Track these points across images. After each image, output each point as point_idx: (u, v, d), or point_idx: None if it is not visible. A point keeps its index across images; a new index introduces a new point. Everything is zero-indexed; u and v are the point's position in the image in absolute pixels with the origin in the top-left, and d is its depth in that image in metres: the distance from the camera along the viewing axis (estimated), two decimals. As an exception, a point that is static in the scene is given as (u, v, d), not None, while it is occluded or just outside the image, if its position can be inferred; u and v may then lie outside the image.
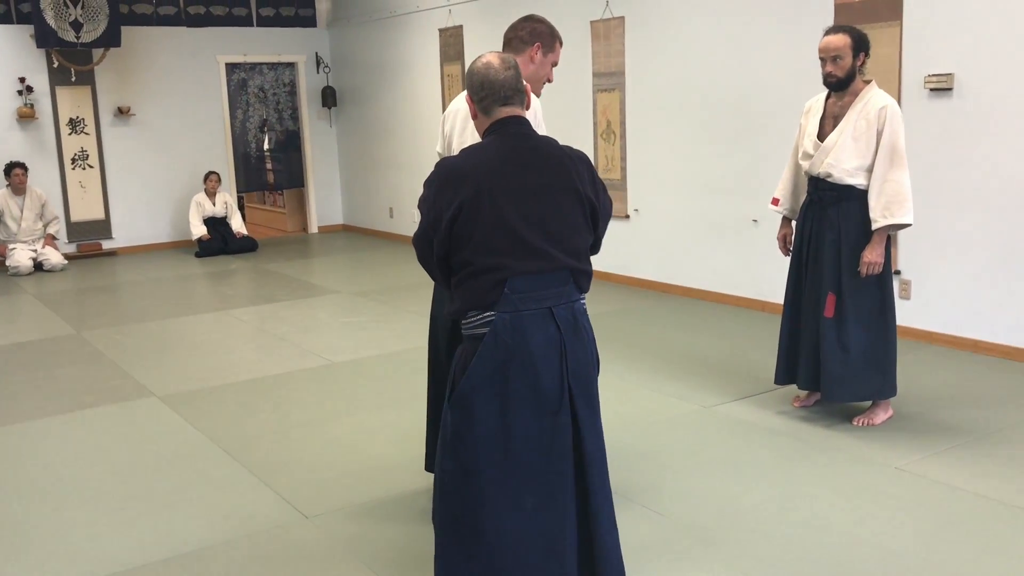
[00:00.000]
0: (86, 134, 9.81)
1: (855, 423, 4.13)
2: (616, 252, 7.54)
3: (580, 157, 2.45)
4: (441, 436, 2.37)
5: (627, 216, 7.36)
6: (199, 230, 9.78)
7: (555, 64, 3.22)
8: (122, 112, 9.90)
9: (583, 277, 2.40)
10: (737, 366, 5.06)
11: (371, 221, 10.95)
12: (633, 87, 7.14)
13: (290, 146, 11.23)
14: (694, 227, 6.84)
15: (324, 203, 11.43)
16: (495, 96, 2.40)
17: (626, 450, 3.95)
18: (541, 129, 3.12)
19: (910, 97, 5.31)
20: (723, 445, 3.98)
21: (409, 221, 10.23)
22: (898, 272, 5.47)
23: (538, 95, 3.25)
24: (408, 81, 9.86)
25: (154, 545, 3.22)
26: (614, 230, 7.40)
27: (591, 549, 2.39)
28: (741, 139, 6.37)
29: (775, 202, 4.39)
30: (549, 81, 3.24)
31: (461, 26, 8.87)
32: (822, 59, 3.98)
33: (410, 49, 9.73)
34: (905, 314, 5.46)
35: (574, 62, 7.61)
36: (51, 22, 9.01)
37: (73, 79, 9.59)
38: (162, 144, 10.22)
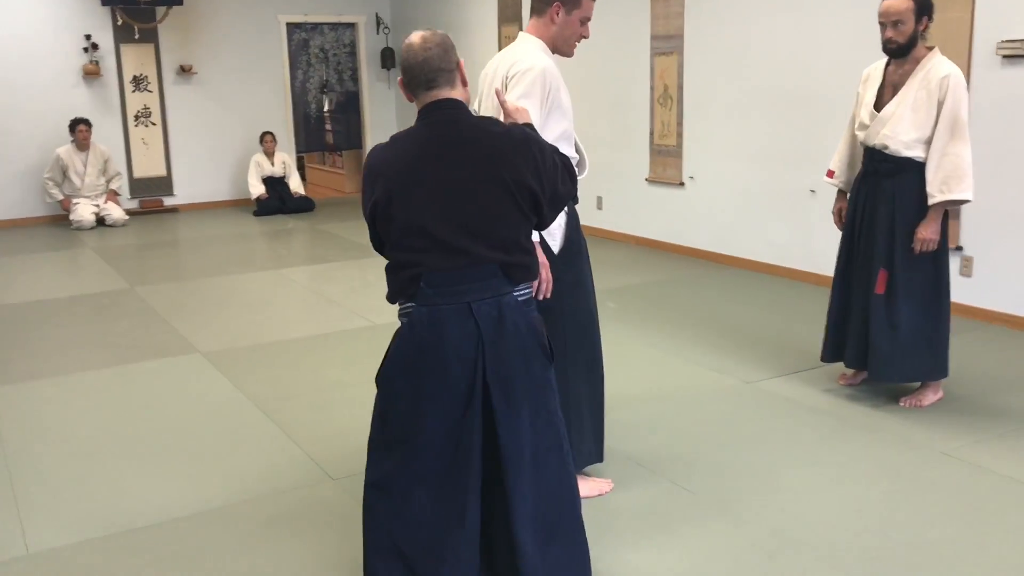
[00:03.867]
0: (149, 91, 9.94)
1: (902, 404, 3.98)
2: (669, 220, 7.40)
3: (519, 142, 2.27)
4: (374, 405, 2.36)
5: (682, 183, 7.20)
6: (257, 189, 9.88)
7: (586, 19, 3.05)
8: (184, 70, 10.00)
9: (516, 269, 2.28)
10: (785, 341, 4.92)
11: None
12: (692, 51, 6.95)
13: (349, 107, 11.24)
14: (750, 196, 6.65)
15: (381, 165, 11.44)
16: (417, 80, 2.27)
17: (659, 423, 3.87)
18: (562, 95, 2.97)
19: (981, 65, 5.05)
20: (761, 422, 3.87)
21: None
22: (960, 248, 5.24)
23: (568, 55, 3.12)
24: (466, 43, 9.75)
25: (179, 501, 3.26)
26: (668, 197, 7.27)
27: (511, 551, 2.28)
28: (800, 107, 6.15)
29: (830, 174, 4.22)
30: (584, 37, 3.10)
31: (520, -13, 8.73)
32: (882, 24, 3.79)
33: (468, 9, 9.62)
34: (966, 292, 5.24)
35: (632, 24, 7.43)
36: (116, -21, 9.12)
37: (136, 36, 9.71)
38: (223, 103, 10.30)
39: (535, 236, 2.81)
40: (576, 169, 3.11)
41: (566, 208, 3.05)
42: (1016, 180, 4.96)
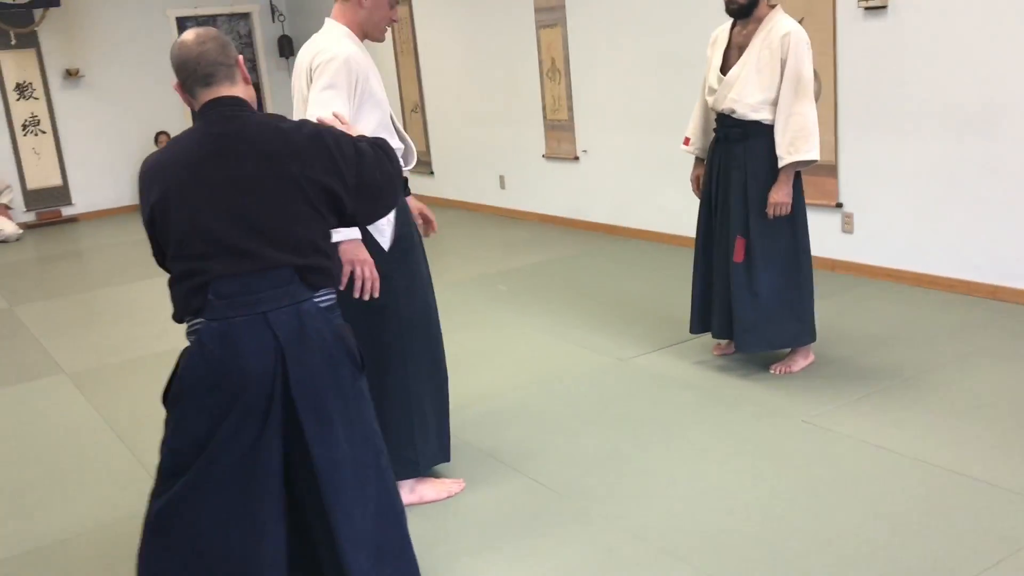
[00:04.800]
0: (35, 98, 9.58)
1: (773, 371, 3.92)
2: (567, 195, 7.29)
3: (309, 136, 2.10)
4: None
5: (576, 158, 7.08)
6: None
7: (395, 2, 2.90)
8: (71, 74, 9.65)
9: (313, 273, 2.10)
10: (668, 312, 4.84)
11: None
12: (574, 22, 6.81)
13: (251, 99, 10.96)
14: (644, 166, 6.56)
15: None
16: (193, 76, 2.09)
17: (523, 412, 3.77)
18: (372, 83, 2.83)
19: (846, 19, 4.98)
20: (628, 401, 3.79)
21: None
22: (840, 205, 5.20)
23: (379, 40, 2.98)
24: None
25: (14, 537, 3.09)
26: (565, 172, 7.16)
27: (337, 571, 2.13)
28: (684, 70, 6.04)
29: (686, 142, 4.12)
30: (394, 21, 2.95)
31: (406, -35, 8.52)
32: (727, -18, 3.69)
33: (360, -8, 9.38)
34: (848, 248, 5.21)
35: (514, -2, 7.28)
36: (-16, -16, 8.74)
37: (14, 42, 9.32)
38: (116, 105, 9.97)
39: (354, 233, 2.68)
40: (401, 160, 2.98)
41: None
42: (888, 133, 4.92)
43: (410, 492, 3.06)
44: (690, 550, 2.66)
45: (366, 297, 2.72)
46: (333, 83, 2.74)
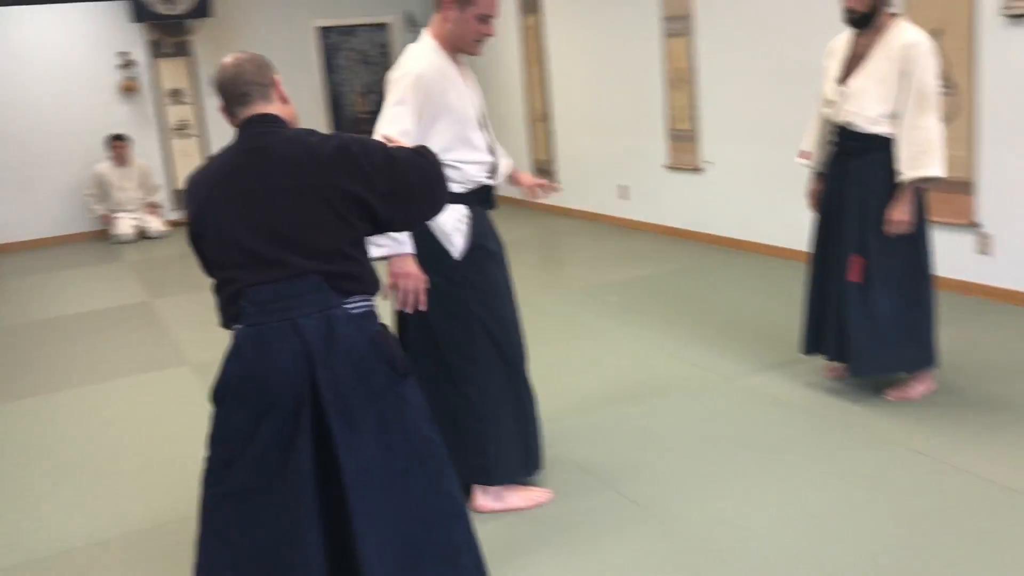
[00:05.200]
0: (186, 104, 10.13)
1: (888, 397, 3.73)
2: (688, 207, 7.16)
3: (336, 147, 2.15)
4: None
5: (698, 169, 6.94)
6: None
7: (485, 17, 2.88)
8: (218, 81, 10.14)
9: (343, 280, 2.14)
10: (783, 331, 4.66)
11: (463, 180, 10.88)
12: (703, 32, 6.69)
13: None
14: (768, 179, 6.36)
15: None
16: (231, 95, 2.20)
17: (622, 426, 3.71)
18: (450, 98, 2.87)
19: (985, 28, 4.69)
20: (729, 421, 3.67)
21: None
22: (977, 225, 4.89)
23: (473, 53, 2.98)
24: (492, 39, 9.64)
25: (108, 523, 3.27)
26: (687, 183, 7.04)
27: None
28: (815, 83, 5.83)
29: (804, 155, 3.98)
30: (486, 36, 2.94)
31: (537, -24, 8.57)
32: (844, -9, 3.54)
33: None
34: (984, 270, 4.91)
35: (640, 6, 7.20)
36: (143, -3, 9.31)
37: (170, 51, 9.90)
38: (258, 111, 10.42)
39: (403, 247, 2.72)
40: (487, 173, 2.98)
41: (468, 212, 2.93)
42: (1031, 149, 4.61)
43: (495, 499, 3.06)
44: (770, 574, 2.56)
45: (409, 310, 2.77)
46: (402, 99, 2.81)
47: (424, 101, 2.79)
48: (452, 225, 2.90)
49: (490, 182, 3.03)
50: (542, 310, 5.55)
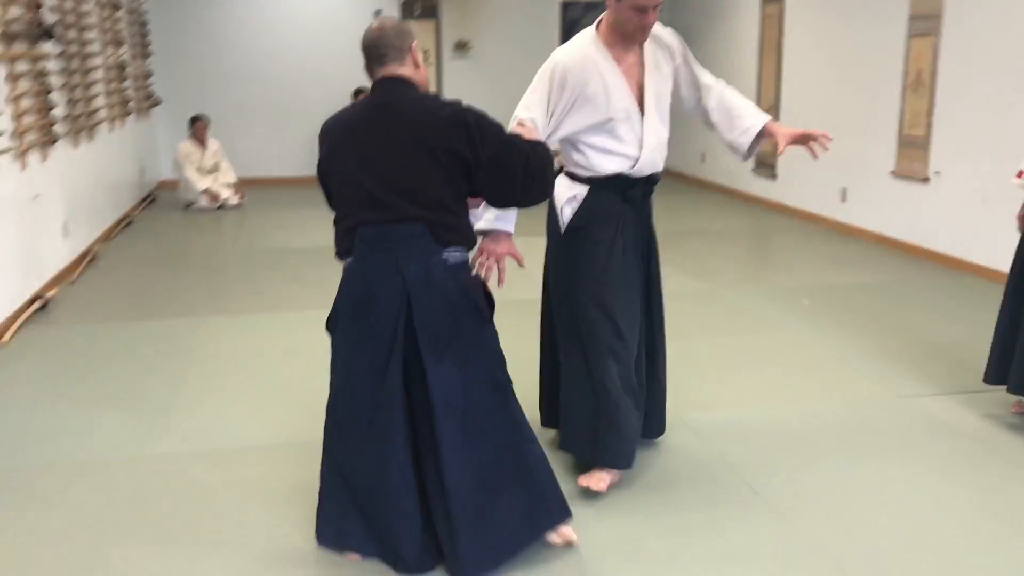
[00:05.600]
0: (429, 64, 10.69)
1: (1073, 443, 3.45)
2: (908, 218, 6.78)
3: (452, 113, 2.39)
4: None
5: (926, 179, 6.55)
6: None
7: (640, 7, 2.82)
8: (461, 46, 10.63)
9: (442, 229, 2.40)
10: (976, 358, 4.36)
11: (684, 166, 10.79)
12: (951, 33, 6.27)
13: (618, 85, 11.34)
14: (1000, 196, 5.91)
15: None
16: (371, 56, 2.47)
17: (771, 425, 3.66)
18: (589, 88, 2.89)
19: None
20: (889, 440, 3.53)
21: (719, 168, 9.94)
22: None
23: (635, 41, 2.95)
24: (731, 22, 9.48)
25: (276, 431, 3.64)
26: (912, 193, 6.68)
27: (442, 497, 2.39)
28: (1062, 97, 5.37)
29: (1020, 175, 3.71)
30: (643, 27, 2.89)
31: (784, -37, 8.33)
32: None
33: (736, -12, 9.33)
34: None
35: (889, 3, 6.84)
36: (403, -39, 9.90)
37: (418, 13, 10.47)
38: (494, 79, 10.80)
39: (504, 224, 2.79)
40: (625, 166, 3.00)
41: (585, 194, 3.01)
42: None
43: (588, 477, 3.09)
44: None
45: (489, 283, 2.79)
46: (537, 87, 2.95)
47: (558, 91, 2.89)
48: (564, 199, 3.04)
49: (626, 172, 3.01)
50: (726, 301, 5.50)
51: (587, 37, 3.00)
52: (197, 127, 9.21)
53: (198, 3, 10.15)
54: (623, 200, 3.04)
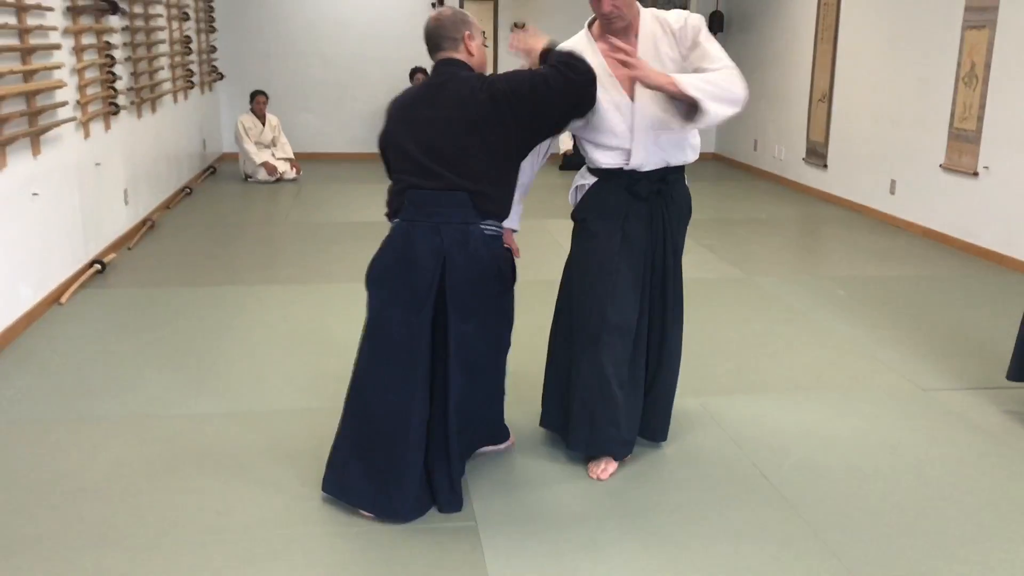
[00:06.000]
0: (485, 46, 10.73)
1: (1091, 442, 3.45)
2: (957, 212, 6.71)
3: (491, 87, 2.64)
4: None
5: (975, 173, 6.47)
6: (566, 144, 10.37)
7: None
8: (517, 27, 10.69)
9: (483, 199, 2.68)
10: (1004, 352, 4.36)
11: (737, 152, 10.74)
12: (1007, 23, 6.18)
13: (674, 70, 11.31)
14: (1048, 194, 5.84)
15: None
16: (430, 43, 2.83)
17: (785, 411, 3.72)
18: (604, 84, 2.87)
19: None
20: (906, 433, 3.56)
21: (770, 156, 9.89)
22: None
23: (610, 32, 2.91)
24: (788, 9, 9.40)
25: (316, 397, 3.81)
26: (960, 187, 6.62)
27: (445, 438, 2.76)
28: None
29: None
30: (600, 13, 2.88)
31: (844, -50, 8.23)
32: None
33: (795, -25, 9.24)
34: None
35: (945, -7, 6.75)
36: (462, -59, 9.99)
37: (476, -6, 10.58)
38: (551, 60, 10.89)
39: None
40: (619, 160, 2.98)
41: (592, 183, 3.03)
42: None
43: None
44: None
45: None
46: None
47: None
48: (574, 186, 3.13)
49: (620, 166, 2.96)
50: (761, 289, 5.53)
51: (581, 31, 3.06)
52: (257, 102, 9.47)
53: (262, -20, 10.38)
54: (630, 195, 2.98)
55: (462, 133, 2.65)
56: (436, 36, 2.81)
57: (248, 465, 3.19)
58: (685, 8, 10.87)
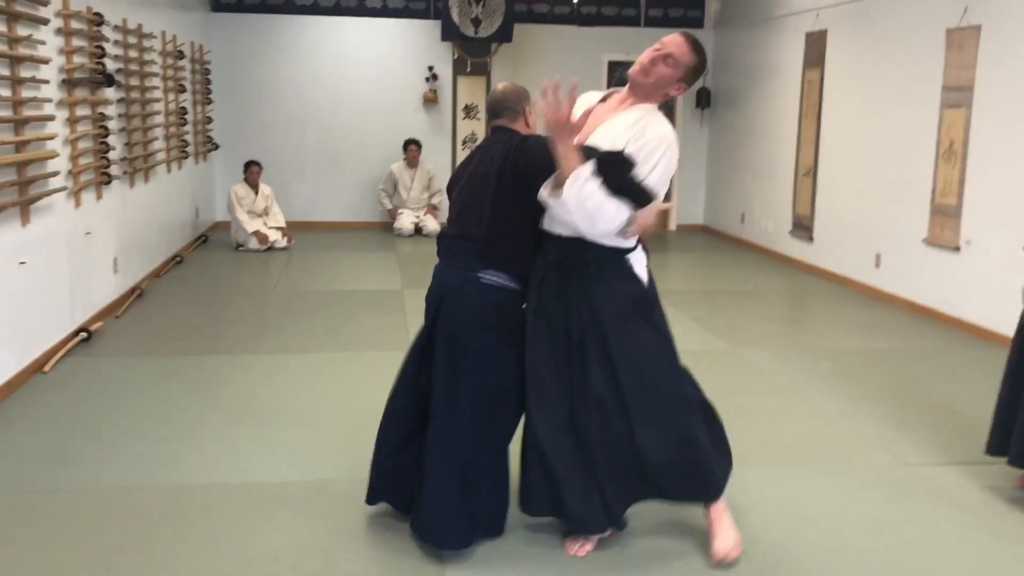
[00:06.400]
0: (477, 119, 10.97)
1: (1074, 519, 3.44)
2: (940, 286, 6.77)
3: (519, 147, 2.88)
4: None
5: (957, 248, 6.55)
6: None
7: None
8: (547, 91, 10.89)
9: (486, 251, 2.88)
10: (986, 426, 4.37)
11: (726, 224, 10.87)
12: (982, 104, 6.32)
13: (663, 144, 11.50)
14: (1029, 269, 5.90)
15: (687, 202, 11.54)
16: (490, 111, 3.12)
17: (763, 483, 3.71)
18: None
19: None
20: (885, 507, 3.55)
21: (757, 228, 10.00)
22: None
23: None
24: (773, 86, 9.60)
25: (297, 470, 3.78)
26: (943, 262, 6.69)
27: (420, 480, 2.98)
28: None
29: (1028, 247, 3.76)
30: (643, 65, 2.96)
31: (826, 31, 8.44)
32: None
33: (778, 53, 9.46)
34: None
35: (923, 73, 6.92)
36: (455, 18, 10.23)
37: (469, 70, 10.79)
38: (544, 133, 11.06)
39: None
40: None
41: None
42: None
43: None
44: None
45: None
46: None
47: None
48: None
49: (545, 227, 2.95)
50: (746, 361, 5.55)
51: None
52: (251, 172, 9.59)
53: (258, 56, 10.59)
54: (546, 261, 2.94)
55: (480, 184, 2.92)
56: (499, 105, 3.06)
57: (224, 539, 3.16)
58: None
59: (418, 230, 10.48)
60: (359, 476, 3.67)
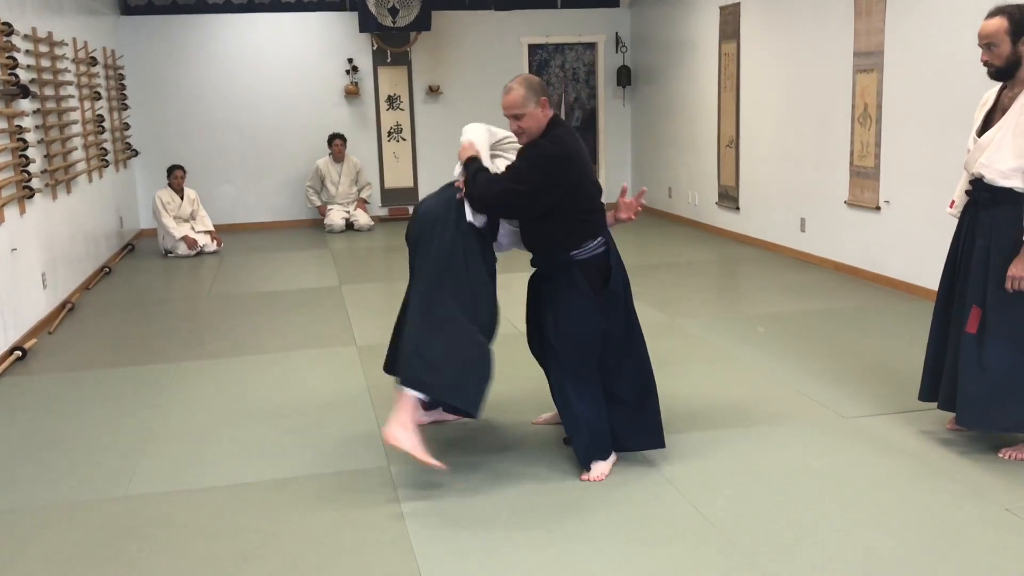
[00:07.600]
0: (401, 110, 10.96)
1: (1002, 456, 3.65)
2: (865, 245, 7.03)
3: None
4: None
5: (877, 208, 6.81)
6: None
7: None
8: (432, 90, 10.91)
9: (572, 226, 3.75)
10: (915, 375, 4.58)
11: (653, 200, 11.05)
12: (892, 68, 6.57)
13: (586, 124, 11.64)
14: (945, 225, 6.15)
15: (613, 180, 11.69)
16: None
17: (713, 444, 3.84)
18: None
19: None
20: (828, 458, 3.72)
21: (684, 202, 10.20)
22: None
23: None
24: (691, 61, 9.79)
25: (255, 471, 3.79)
26: (865, 222, 6.93)
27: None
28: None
29: (952, 204, 3.95)
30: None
31: (739, 3, 8.64)
32: (981, 46, 3.53)
33: (694, 28, 9.65)
34: None
35: (835, 40, 7.15)
36: (372, 9, 10.18)
37: (389, 60, 10.76)
38: (466, 120, 11.07)
39: None
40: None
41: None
42: None
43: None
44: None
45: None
46: None
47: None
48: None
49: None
50: (686, 332, 5.70)
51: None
52: (174, 176, 9.43)
53: (173, 58, 10.39)
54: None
55: None
56: (511, 108, 3.51)
57: (186, 547, 3.16)
58: (593, 64, 11.12)
59: (349, 225, 10.44)
60: (317, 472, 3.72)
